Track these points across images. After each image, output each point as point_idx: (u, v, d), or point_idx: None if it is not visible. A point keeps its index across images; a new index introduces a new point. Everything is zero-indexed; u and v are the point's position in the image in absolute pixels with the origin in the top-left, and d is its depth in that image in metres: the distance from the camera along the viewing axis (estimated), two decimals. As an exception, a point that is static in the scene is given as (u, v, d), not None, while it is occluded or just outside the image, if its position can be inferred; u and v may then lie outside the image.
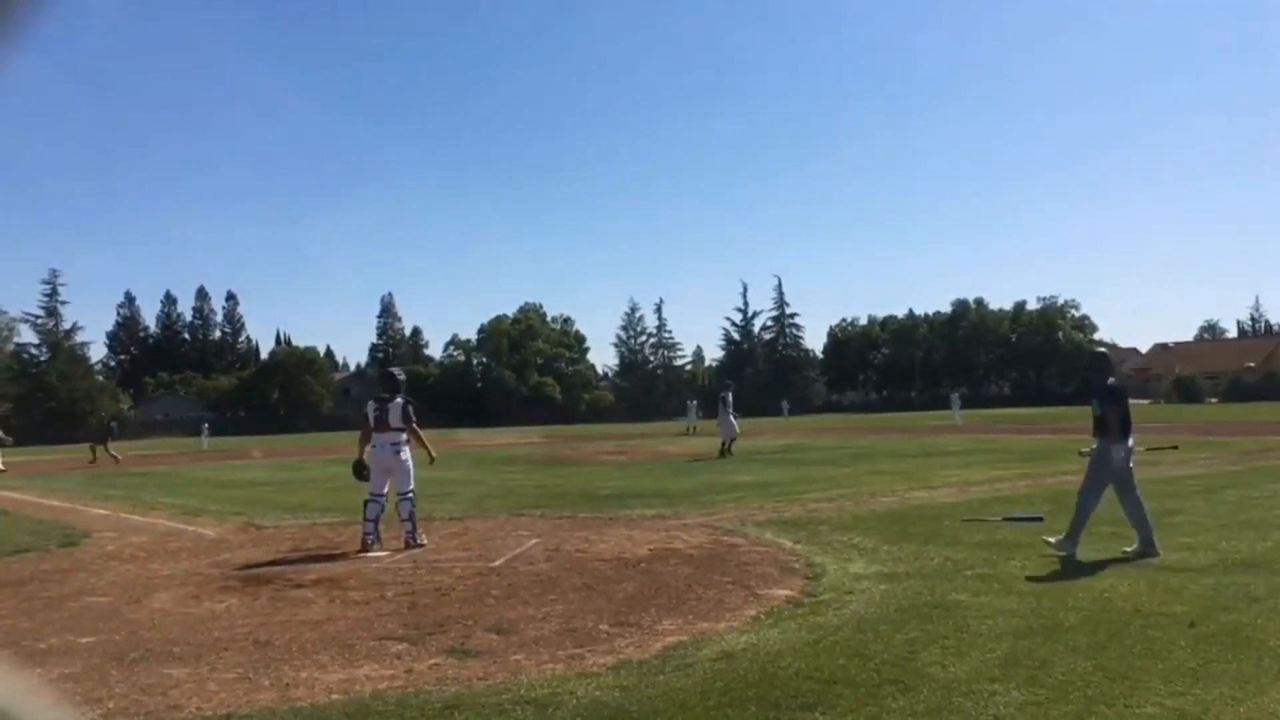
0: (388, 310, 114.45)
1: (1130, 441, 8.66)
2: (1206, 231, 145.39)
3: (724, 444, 24.75)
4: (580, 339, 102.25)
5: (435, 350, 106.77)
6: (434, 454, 10.60)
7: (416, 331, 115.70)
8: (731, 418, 24.97)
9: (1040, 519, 10.26)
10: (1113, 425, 8.53)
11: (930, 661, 5.07)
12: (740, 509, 12.31)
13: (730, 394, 25.79)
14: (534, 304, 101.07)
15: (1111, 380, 8.97)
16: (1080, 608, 6.24)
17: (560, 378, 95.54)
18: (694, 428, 43.53)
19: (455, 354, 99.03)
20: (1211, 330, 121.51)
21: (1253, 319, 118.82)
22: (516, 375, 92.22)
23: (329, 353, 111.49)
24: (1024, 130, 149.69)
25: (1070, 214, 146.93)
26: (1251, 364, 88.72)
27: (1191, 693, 4.43)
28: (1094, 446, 8.72)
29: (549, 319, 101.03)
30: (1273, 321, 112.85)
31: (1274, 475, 15.11)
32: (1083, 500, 8.55)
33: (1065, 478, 15.65)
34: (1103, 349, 9.83)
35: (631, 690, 4.78)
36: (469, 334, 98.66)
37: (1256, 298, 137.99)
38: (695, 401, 49.50)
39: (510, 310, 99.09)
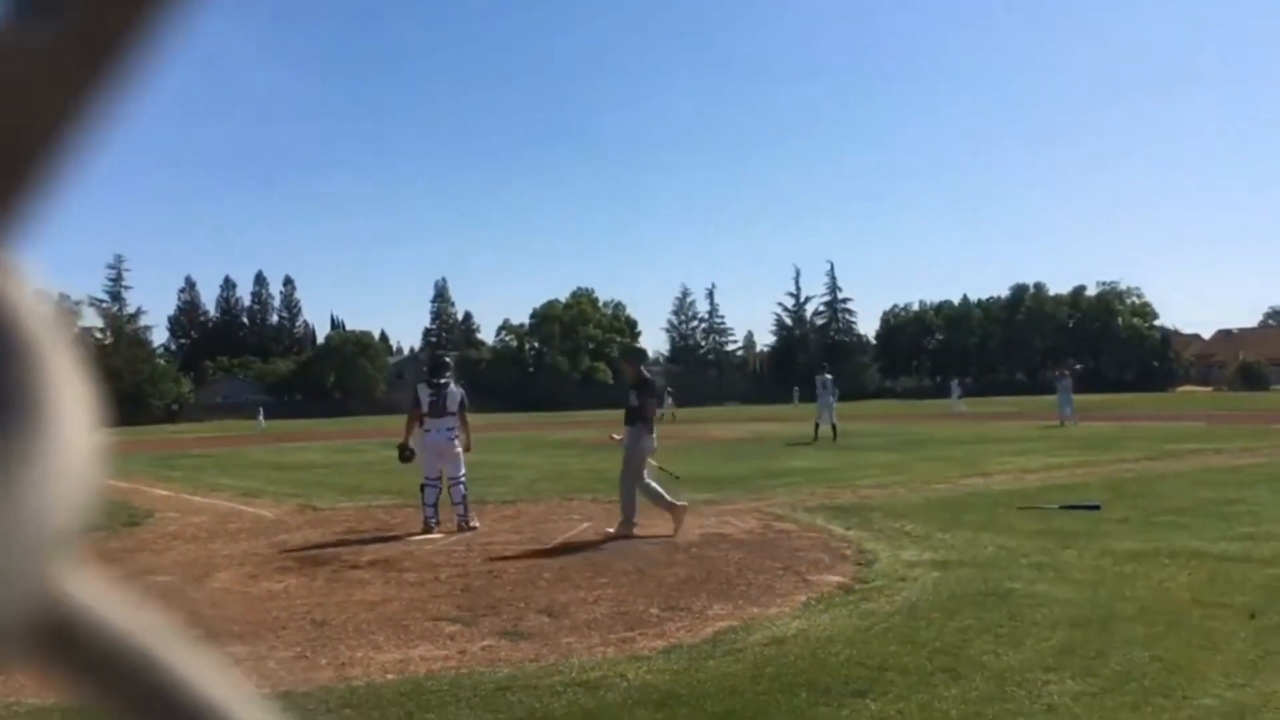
0: (441, 295, 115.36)
1: None
2: (1272, 214, 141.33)
3: (826, 427, 24.11)
4: (632, 324, 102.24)
5: (487, 335, 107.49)
6: (471, 444, 10.70)
7: (469, 316, 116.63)
8: (832, 398, 24.41)
9: (1098, 507, 10.09)
10: None
11: (983, 650, 5.03)
12: (791, 495, 12.27)
13: (829, 376, 25.01)
14: (586, 289, 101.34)
15: None
16: (1138, 597, 6.15)
17: (612, 362, 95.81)
18: (672, 414, 43.37)
19: (508, 339, 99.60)
20: (1277, 316, 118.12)
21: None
22: (569, 360, 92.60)
23: (383, 336, 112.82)
24: (1084, 114, 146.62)
25: (1132, 198, 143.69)
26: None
27: (1252, 685, 4.35)
28: None
29: (601, 304, 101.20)
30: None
31: (1343, 464, 14.69)
32: None
33: (1124, 465, 15.39)
34: None
35: (681, 674, 4.80)
36: (521, 319, 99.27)
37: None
38: (671, 389, 49.88)
39: (563, 295, 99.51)
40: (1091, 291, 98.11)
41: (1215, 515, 9.55)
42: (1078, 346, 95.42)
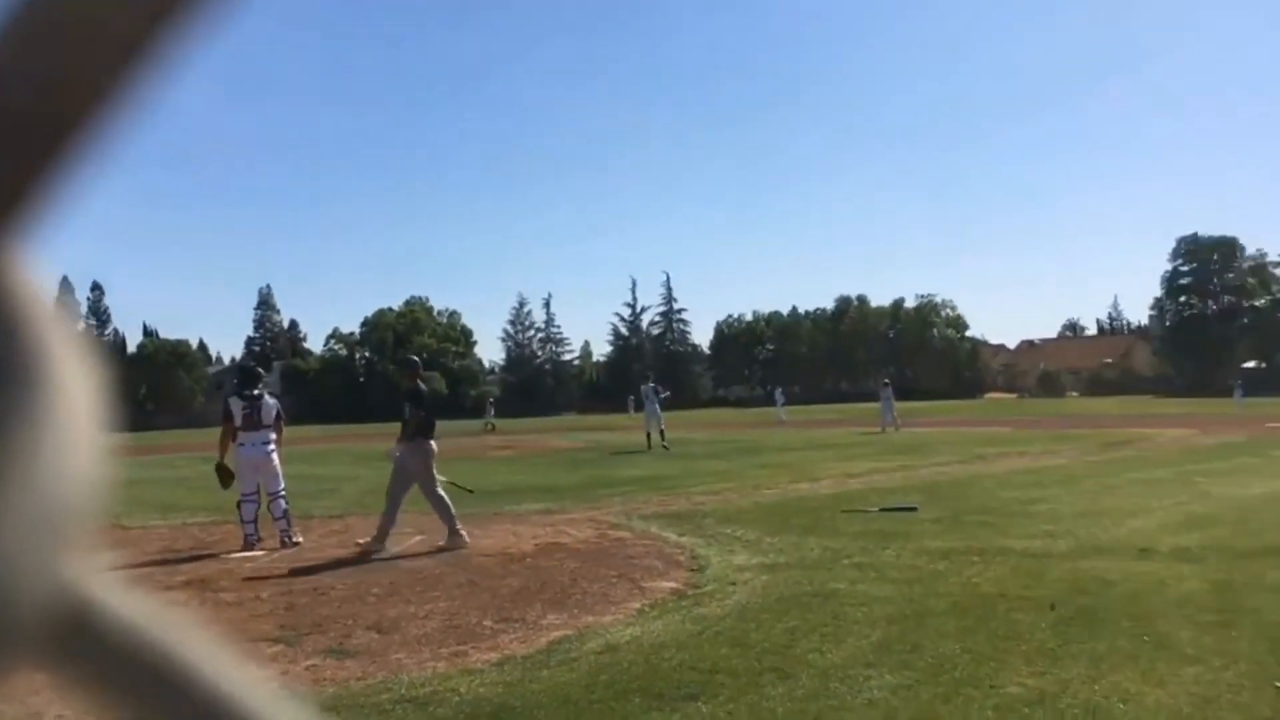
0: (265, 302, 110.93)
1: None
2: (1070, 235, 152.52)
3: (656, 435, 24.73)
4: (467, 333, 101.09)
5: (315, 344, 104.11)
6: (284, 457, 10.37)
7: (295, 324, 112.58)
8: (658, 407, 25.12)
9: (915, 509, 10.61)
10: None
11: (809, 649, 5.20)
12: (626, 503, 12.37)
13: (654, 384, 25.87)
14: (420, 297, 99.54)
15: None
16: (949, 593, 6.49)
17: (447, 372, 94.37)
18: (491, 424, 44.05)
19: (337, 348, 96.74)
20: (1073, 328, 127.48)
21: (1111, 318, 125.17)
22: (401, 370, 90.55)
23: (201, 345, 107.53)
24: (905, 135, 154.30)
25: (949, 214, 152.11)
26: (1109, 360, 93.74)
27: (1051, 672, 4.65)
28: None
29: (436, 312, 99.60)
30: (1129, 320, 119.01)
31: (1129, 466, 15.96)
32: None
33: (939, 469, 16.24)
34: None
35: (515, 686, 4.76)
36: (352, 327, 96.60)
37: (1115, 297, 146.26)
38: (492, 399, 50.46)
39: (396, 303, 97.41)
40: (910, 304, 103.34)
41: (1019, 514, 10.20)
42: (897, 356, 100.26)
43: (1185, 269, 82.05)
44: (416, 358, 10.68)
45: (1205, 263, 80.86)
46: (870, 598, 6.42)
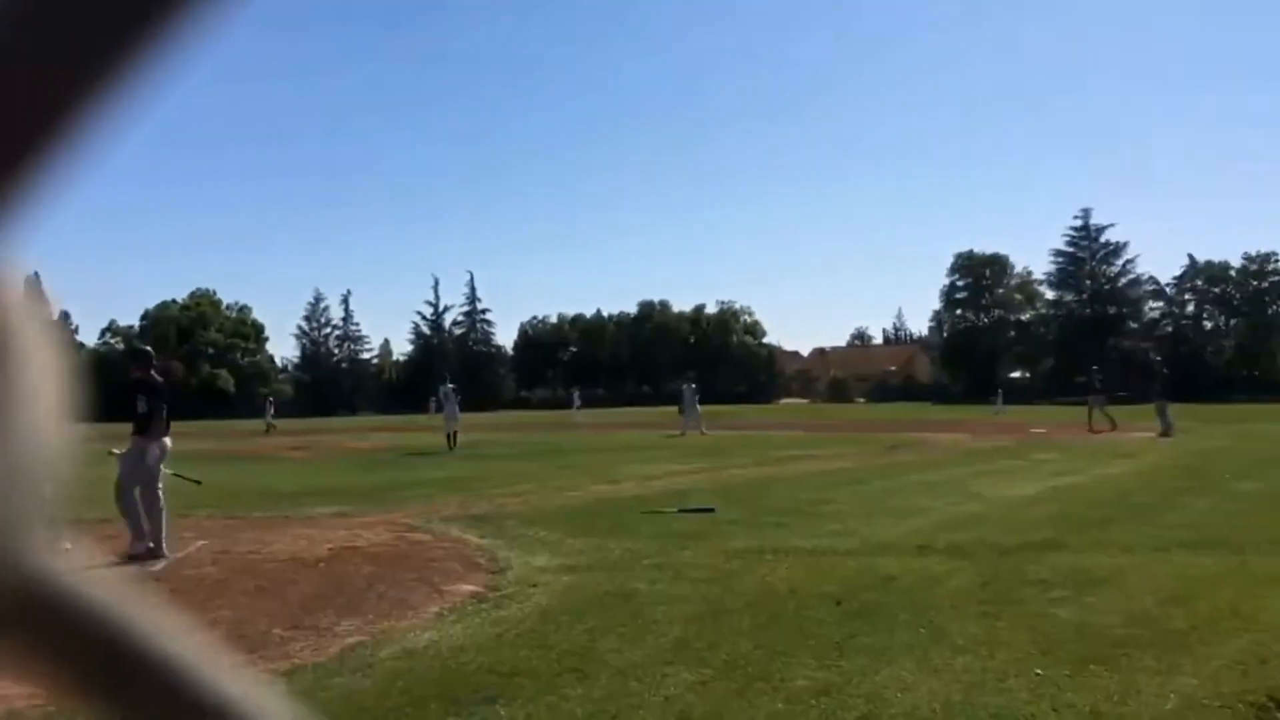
0: (30, 291, 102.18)
1: None
2: (860, 249, 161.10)
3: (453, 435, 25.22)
4: (259, 328, 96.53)
5: (88, 337, 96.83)
6: None
7: (66, 316, 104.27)
8: (456, 408, 25.66)
9: (713, 510, 10.91)
10: None
11: (608, 649, 5.26)
12: (427, 505, 12.13)
13: (451, 386, 26.39)
14: (207, 290, 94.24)
15: None
16: (744, 592, 6.71)
17: (235, 370, 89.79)
18: (273, 425, 42.53)
19: (113, 342, 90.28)
20: (861, 337, 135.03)
21: (896, 328, 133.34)
22: (186, 367, 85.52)
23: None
24: (706, 143, 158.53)
25: (749, 223, 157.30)
26: (893, 368, 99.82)
27: (837, 665, 4.89)
28: None
29: (224, 306, 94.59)
30: (912, 331, 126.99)
31: (911, 468, 17.00)
32: None
33: (736, 471, 16.78)
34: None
35: (306, 696, 4.57)
36: (131, 320, 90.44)
37: (899, 309, 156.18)
38: (272, 399, 49.44)
39: (180, 296, 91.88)
40: (711, 310, 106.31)
41: (810, 515, 10.68)
42: (698, 361, 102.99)
43: (961, 284, 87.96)
44: (150, 349, 9.97)
45: (979, 278, 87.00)
46: (669, 597, 6.56)
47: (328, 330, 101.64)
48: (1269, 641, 5.19)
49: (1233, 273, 78.26)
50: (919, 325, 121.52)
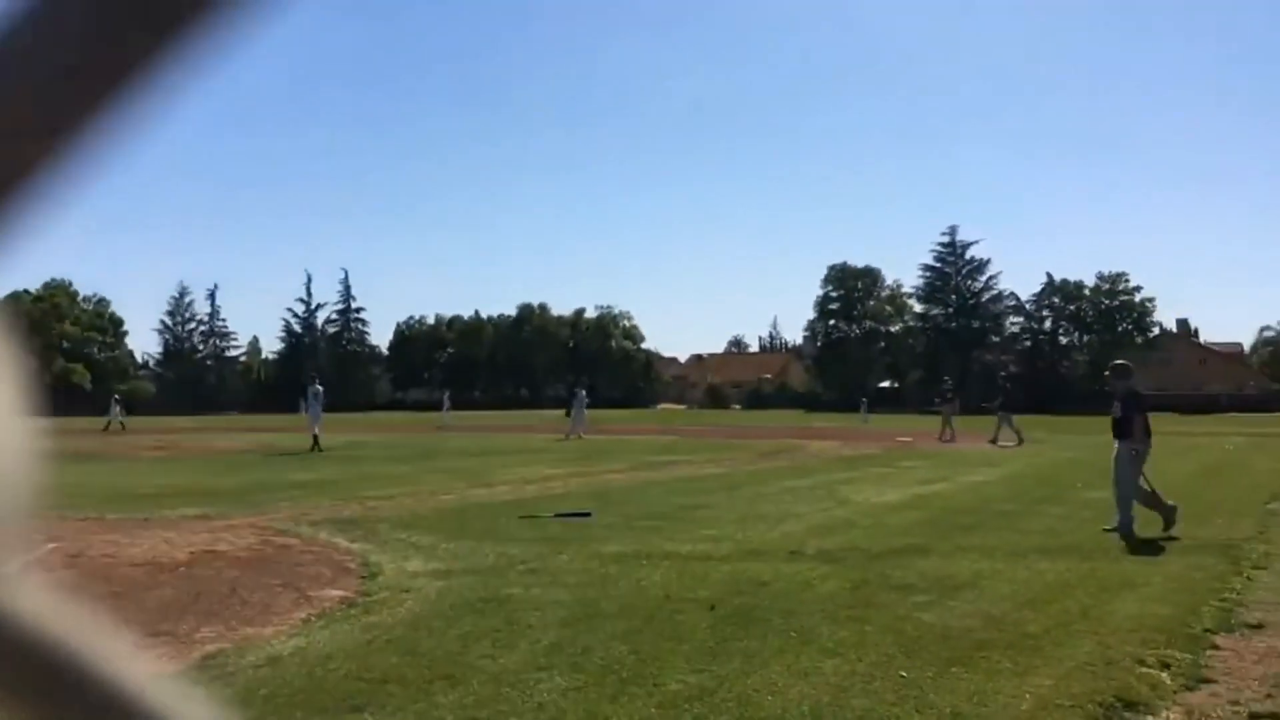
0: None
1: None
2: (737, 257, 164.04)
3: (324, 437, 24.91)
4: (117, 322, 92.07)
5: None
6: None
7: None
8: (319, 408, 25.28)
9: (589, 514, 10.91)
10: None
11: (481, 654, 5.19)
12: (295, 508, 11.77)
13: (319, 387, 25.90)
14: (63, 280, 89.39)
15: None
16: (619, 596, 6.72)
17: (92, 365, 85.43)
18: (121, 424, 41.90)
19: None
20: (738, 344, 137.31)
21: (771, 336, 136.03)
22: (39, 361, 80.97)
23: None
24: (590, 145, 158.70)
25: (633, 229, 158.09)
26: (768, 375, 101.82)
27: (710, 669, 4.94)
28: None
29: (81, 298, 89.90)
30: (787, 339, 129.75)
31: (784, 474, 17.34)
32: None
33: (613, 476, 16.81)
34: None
35: (160, 707, 4.37)
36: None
37: (775, 317, 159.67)
38: (119, 397, 48.01)
39: (33, 286, 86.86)
40: (590, 314, 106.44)
41: (685, 519, 10.78)
42: (578, 365, 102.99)
43: (834, 294, 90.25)
44: None
45: (851, 290, 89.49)
46: (543, 602, 6.52)
47: (192, 325, 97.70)
48: (1116, 644, 5.49)
49: (1087, 291, 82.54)
50: (794, 334, 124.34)
